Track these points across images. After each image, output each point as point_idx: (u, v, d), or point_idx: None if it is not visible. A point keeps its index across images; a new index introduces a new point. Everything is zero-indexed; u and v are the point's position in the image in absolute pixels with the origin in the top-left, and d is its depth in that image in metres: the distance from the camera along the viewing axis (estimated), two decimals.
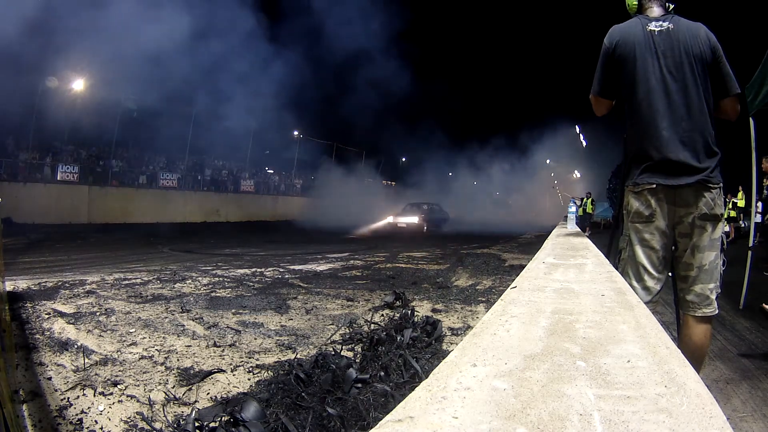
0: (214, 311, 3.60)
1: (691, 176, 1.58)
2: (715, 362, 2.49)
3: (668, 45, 1.64)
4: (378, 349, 2.52)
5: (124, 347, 2.64)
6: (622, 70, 1.70)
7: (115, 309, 3.46)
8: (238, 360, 2.52)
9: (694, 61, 1.63)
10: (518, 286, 1.10)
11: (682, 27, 1.68)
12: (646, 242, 1.67)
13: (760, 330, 3.15)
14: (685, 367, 0.55)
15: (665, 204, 1.62)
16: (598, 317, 0.80)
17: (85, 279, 4.77)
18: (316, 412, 1.80)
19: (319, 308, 3.83)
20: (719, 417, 0.43)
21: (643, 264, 1.67)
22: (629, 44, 1.68)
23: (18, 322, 3.03)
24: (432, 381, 0.52)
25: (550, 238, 3.12)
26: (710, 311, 1.64)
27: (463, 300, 4.20)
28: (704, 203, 1.59)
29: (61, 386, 2.08)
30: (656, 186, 1.61)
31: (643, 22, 1.71)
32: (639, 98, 1.65)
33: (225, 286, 4.75)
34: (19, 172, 15.65)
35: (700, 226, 1.61)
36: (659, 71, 1.63)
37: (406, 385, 2.06)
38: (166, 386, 2.14)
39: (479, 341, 0.66)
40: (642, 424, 0.42)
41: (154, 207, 18.79)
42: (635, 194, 1.67)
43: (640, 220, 1.67)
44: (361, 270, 6.34)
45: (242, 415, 1.73)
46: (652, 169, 1.62)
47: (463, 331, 3.10)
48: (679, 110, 1.60)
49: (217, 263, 6.70)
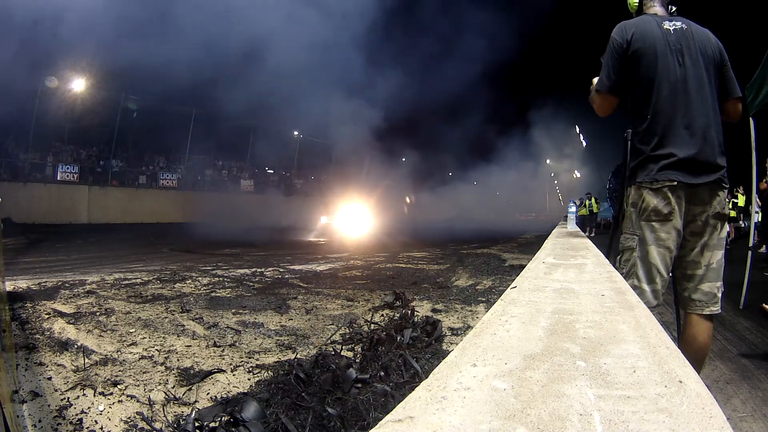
0: (214, 311, 3.60)
1: (711, 174, 1.57)
2: (715, 362, 2.49)
3: (685, 44, 1.64)
4: (378, 349, 2.51)
5: (124, 347, 2.64)
6: (639, 67, 1.65)
7: (115, 309, 3.46)
8: (238, 360, 2.52)
9: (708, 61, 1.64)
10: (518, 286, 1.10)
11: (695, 28, 1.69)
12: (662, 242, 1.61)
13: (760, 330, 3.14)
14: (685, 367, 0.55)
15: (683, 202, 1.60)
16: (598, 317, 0.80)
17: (85, 279, 4.78)
18: (316, 412, 1.80)
19: (319, 308, 3.83)
20: (719, 417, 0.43)
21: (656, 265, 1.62)
22: (648, 40, 1.64)
23: (18, 322, 3.03)
24: (432, 381, 0.52)
25: (550, 238, 3.12)
26: (716, 309, 1.64)
27: (463, 300, 4.20)
28: (717, 202, 1.60)
29: (61, 386, 2.08)
30: (677, 183, 1.58)
31: (656, 20, 1.69)
32: (660, 95, 1.62)
33: (225, 286, 4.75)
34: (19, 172, 15.67)
35: (712, 225, 1.61)
36: (680, 69, 1.61)
37: (406, 385, 2.06)
38: (166, 386, 2.14)
39: (479, 341, 0.66)
40: (642, 424, 0.42)
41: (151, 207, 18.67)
42: (653, 191, 1.61)
43: (657, 219, 1.61)
44: (361, 270, 6.34)
45: (242, 415, 1.73)
46: (673, 166, 1.58)
47: (463, 331, 3.10)
48: (699, 108, 1.60)
49: (217, 263, 6.70)
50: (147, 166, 20.27)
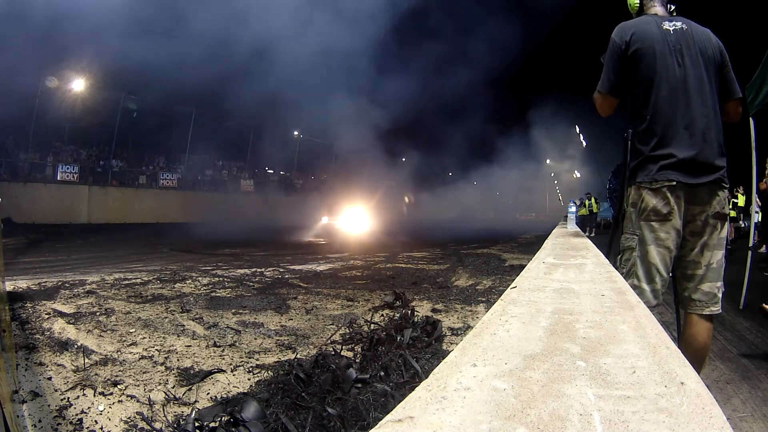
0: (214, 311, 3.60)
1: (710, 175, 1.58)
2: (715, 362, 2.49)
3: (685, 44, 1.64)
4: (378, 349, 2.51)
5: (124, 347, 2.64)
6: (638, 67, 1.66)
7: (115, 309, 3.46)
8: (238, 360, 2.52)
9: (708, 62, 1.64)
10: (518, 286, 1.10)
11: (695, 28, 1.69)
12: (662, 242, 1.62)
13: (760, 330, 3.14)
14: (685, 367, 0.55)
15: (683, 202, 1.61)
16: (598, 317, 0.80)
17: (85, 279, 4.78)
18: (316, 412, 1.80)
19: (319, 308, 3.83)
20: (719, 417, 0.43)
21: (656, 265, 1.63)
22: (647, 41, 1.65)
23: (18, 322, 3.03)
24: (432, 381, 0.52)
25: (550, 238, 3.12)
26: (716, 309, 1.65)
27: (463, 300, 4.19)
28: (717, 202, 1.60)
29: (61, 386, 2.08)
30: (676, 183, 1.58)
31: (656, 20, 1.69)
32: (660, 95, 1.62)
33: (225, 286, 4.75)
34: (19, 172, 15.67)
35: (712, 224, 1.61)
36: (679, 70, 1.62)
37: (406, 385, 2.06)
38: (166, 386, 2.14)
39: (479, 341, 0.66)
40: (642, 424, 0.42)
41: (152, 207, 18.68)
42: (652, 191, 1.62)
43: (657, 219, 1.62)
44: (361, 270, 6.34)
45: (242, 415, 1.73)
46: (673, 166, 1.59)
47: (463, 331, 3.10)
48: (699, 109, 1.60)
49: (217, 263, 6.70)
50: (147, 166, 20.27)
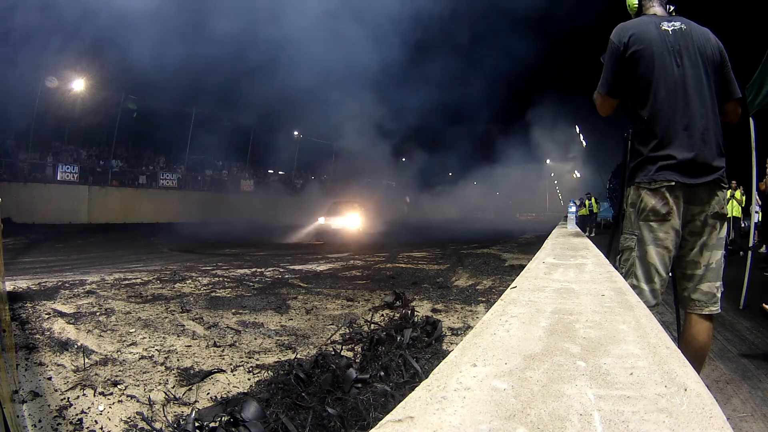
0: (214, 311, 3.60)
1: (709, 175, 1.58)
2: (715, 362, 2.49)
3: (684, 45, 1.64)
4: (378, 349, 2.51)
5: (124, 347, 2.64)
6: (636, 68, 1.66)
7: (115, 309, 3.46)
8: (238, 360, 2.52)
9: (707, 62, 1.64)
10: (518, 286, 1.10)
11: (694, 28, 1.68)
12: (661, 242, 1.63)
13: (760, 330, 3.14)
14: (685, 367, 0.55)
15: (681, 202, 1.61)
16: (598, 317, 0.80)
17: (85, 279, 4.78)
18: (316, 412, 1.80)
19: (319, 308, 3.83)
20: (719, 417, 0.43)
21: (655, 265, 1.63)
22: (645, 42, 1.65)
23: (18, 322, 3.03)
24: (432, 381, 0.52)
25: (550, 238, 3.12)
26: (716, 309, 1.65)
27: (463, 300, 4.19)
28: (716, 202, 1.60)
29: (61, 386, 2.08)
30: (675, 183, 1.59)
31: (655, 20, 1.69)
32: (658, 96, 1.62)
33: (225, 286, 4.75)
34: (19, 172, 15.65)
35: (711, 225, 1.62)
36: (678, 70, 1.62)
37: (406, 385, 2.06)
38: (166, 386, 2.14)
39: (479, 341, 0.66)
40: (642, 424, 0.42)
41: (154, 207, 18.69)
42: (651, 191, 1.62)
43: (656, 219, 1.62)
44: (361, 270, 6.34)
45: (242, 415, 1.73)
46: (671, 167, 1.59)
47: (463, 331, 3.10)
48: (698, 109, 1.60)
49: (217, 263, 6.70)
50: (147, 166, 20.25)
